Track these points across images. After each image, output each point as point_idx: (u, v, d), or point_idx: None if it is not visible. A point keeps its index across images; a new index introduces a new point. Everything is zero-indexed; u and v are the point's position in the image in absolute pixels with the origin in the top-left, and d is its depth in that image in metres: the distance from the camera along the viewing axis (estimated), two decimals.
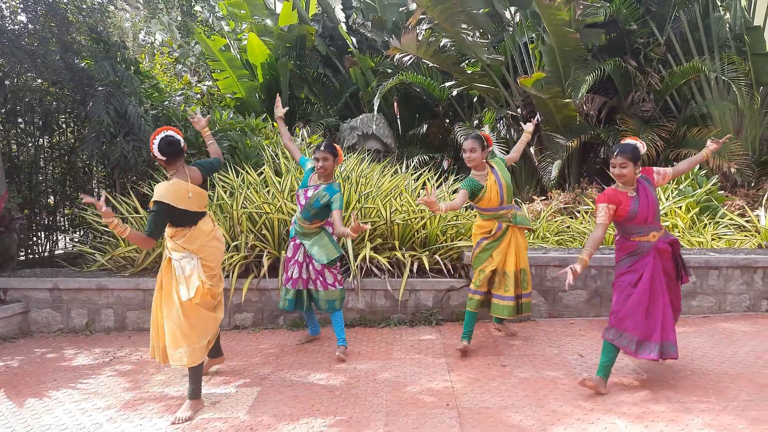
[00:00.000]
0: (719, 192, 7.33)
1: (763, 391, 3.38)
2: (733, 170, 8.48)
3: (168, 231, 3.34)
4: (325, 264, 4.06)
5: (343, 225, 3.84)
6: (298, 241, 4.15)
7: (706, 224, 6.65)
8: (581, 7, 9.15)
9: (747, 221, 6.65)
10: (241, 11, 13.14)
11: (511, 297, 4.09)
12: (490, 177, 4.04)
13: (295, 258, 4.16)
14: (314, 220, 4.05)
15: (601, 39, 10.00)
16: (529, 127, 4.74)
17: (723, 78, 8.81)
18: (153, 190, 5.93)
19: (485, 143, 4.08)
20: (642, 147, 3.52)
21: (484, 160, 4.11)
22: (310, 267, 4.13)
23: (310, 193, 3.99)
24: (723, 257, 5.23)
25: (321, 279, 4.13)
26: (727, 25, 9.75)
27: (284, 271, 4.28)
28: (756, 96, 9.20)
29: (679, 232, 6.38)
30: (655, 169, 3.56)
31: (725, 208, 7.02)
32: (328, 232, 4.13)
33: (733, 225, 6.70)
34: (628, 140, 3.59)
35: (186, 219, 3.31)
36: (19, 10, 6.41)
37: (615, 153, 3.41)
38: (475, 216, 4.43)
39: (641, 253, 3.43)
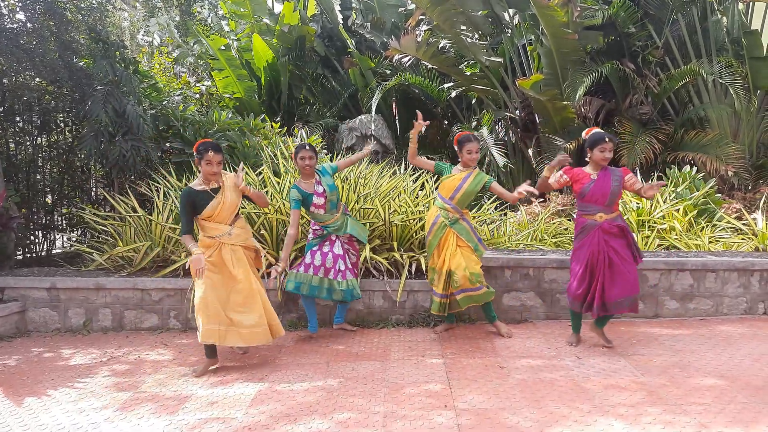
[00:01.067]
0: (716, 195, 7.36)
1: (759, 394, 3.40)
2: (730, 173, 8.52)
3: (243, 221, 4.06)
4: (357, 246, 4.61)
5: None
6: (334, 237, 4.42)
7: (703, 227, 6.67)
8: (579, 9, 9.17)
9: (744, 224, 6.68)
10: (242, 9, 13.15)
11: (472, 288, 4.32)
12: (462, 174, 4.43)
13: (335, 252, 4.40)
14: (338, 204, 4.47)
15: (599, 41, 10.03)
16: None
17: (720, 81, 8.85)
18: (151, 190, 5.96)
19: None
20: None
21: (475, 166, 4.51)
22: (347, 259, 4.47)
23: (320, 189, 4.32)
24: (720, 260, 5.25)
25: (352, 269, 4.51)
26: (725, 29, 9.79)
27: (333, 265, 4.39)
28: (753, 99, 9.24)
29: (676, 235, 6.40)
30: (630, 174, 4.05)
31: (722, 211, 7.05)
32: (351, 216, 4.59)
33: (731, 228, 6.73)
34: (599, 130, 4.12)
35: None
36: (18, 9, 6.39)
37: (608, 138, 3.98)
38: None
39: (588, 230, 4.02)
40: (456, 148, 4.50)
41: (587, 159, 4.08)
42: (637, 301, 4.04)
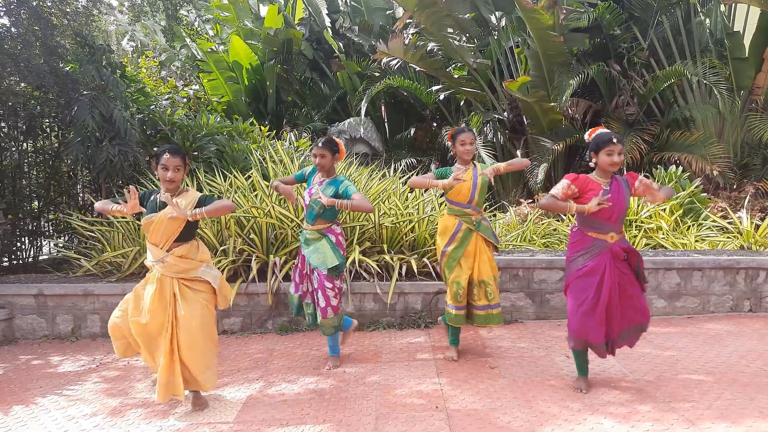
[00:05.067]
0: (702, 194, 7.45)
1: (746, 390, 3.44)
2: (715, 173, 8.63)
3: (185, 248, 3.30)
4: (325, 275, 3.82)
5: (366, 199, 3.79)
6: (303, 251, 3.98)
7: (689, 226, 6.75)
8: (564, 11, 9.26)
9: (729, 223, 6.76)
10: (227, 14, 13.11)
11: (497, 304, 3.97)
12: (469, 172, 4.01)
13: (303, 270, 4.01)
14: (318, 220, 3.89)
15: (585, 44, 10.13)
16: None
17: (705, 82, 8.97)
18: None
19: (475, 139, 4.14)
20: None
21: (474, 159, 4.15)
22: (308, 283, 4.00)
23: (314, 190, 3.85)
24: (706, 258, 5.32)
25: (314, 290, 3.93)
26: (708, 31, 9.93)
27: (301, 282, 4.06)
28: (737, 100, 9.37)
29: (663, 234, 6.47)
30: (640, 177, 3.29)
31: (708, 210, 7.14)
32: (330, 240, 3.89)
33: (716, 227, 6.82)
34: (604, 130, 3.41)
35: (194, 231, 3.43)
36: (2, 13, 6.33)
37: (614, 139, 3.23)
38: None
39: (595, 252, 3.31)
40: (450, 144, 4.14)
41: (593, 164, 3.37)
42: (645, 328, 3.47)
